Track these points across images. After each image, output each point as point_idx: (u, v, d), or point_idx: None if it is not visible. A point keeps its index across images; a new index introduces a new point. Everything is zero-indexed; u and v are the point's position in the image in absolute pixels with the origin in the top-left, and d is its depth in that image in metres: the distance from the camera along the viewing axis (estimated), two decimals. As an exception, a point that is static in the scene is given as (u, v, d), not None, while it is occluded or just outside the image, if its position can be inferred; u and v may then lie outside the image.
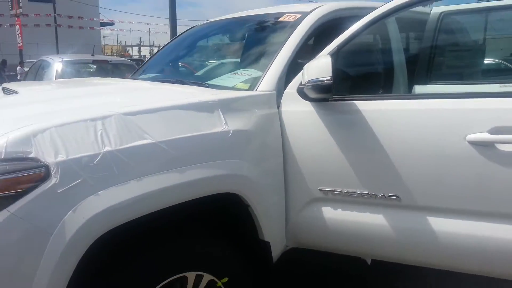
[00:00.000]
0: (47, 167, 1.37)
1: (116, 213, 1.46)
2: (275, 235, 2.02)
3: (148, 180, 1.54)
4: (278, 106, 2.03)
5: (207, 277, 1.81)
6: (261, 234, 1.97)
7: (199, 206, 1.73)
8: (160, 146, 1.60)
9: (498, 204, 1.74)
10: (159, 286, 1.65)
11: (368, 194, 1.91)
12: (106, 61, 7.89)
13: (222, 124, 1.80)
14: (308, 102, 1.95)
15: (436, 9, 2.96)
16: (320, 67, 1.76)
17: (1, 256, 1.31)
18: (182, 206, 1.66)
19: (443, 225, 1.84)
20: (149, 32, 54.08)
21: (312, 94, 1.86)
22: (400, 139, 1.83)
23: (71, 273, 1.40)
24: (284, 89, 2.07)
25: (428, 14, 2.97)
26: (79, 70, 7.44)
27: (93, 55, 7.94)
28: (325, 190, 1.98)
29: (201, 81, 2.43)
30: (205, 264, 1.80)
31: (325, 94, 1.80)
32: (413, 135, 1.81)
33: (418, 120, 1.81)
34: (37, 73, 8.08)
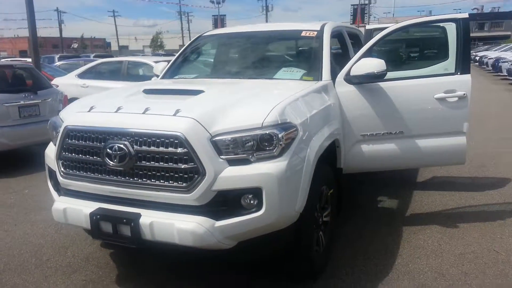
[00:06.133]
0: (295, 126, 2.52)
1: (319, 149, 2.71)
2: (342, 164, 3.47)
3: (323, 131, 2.82)
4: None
5: (327, 190, 3.14)
6: (339, 163, 3.40)
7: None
8: (319, 113, 2.88)
9: (445, 128, 3.60)
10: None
11: (387, 132, 3.54)
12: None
13: (327, 101, 3.16)
14: (352, 85, 3.45)
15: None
16: (375, 64, 3.25)
17: (294, 171, 2.44)
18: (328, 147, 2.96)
19: (421, 142, 3.61)
20: None
21: (362, 80, 3.35)
22: (403, 101, 3.51)
23: (311, 178, 2.60)
24: (330, 79, 3.50)
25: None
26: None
27: None
28: (364, 134, 3.53)
29: (269, 77, 3.63)
30: (326, 181, 3.12)
31: (377, 80, 3.33)
32: (409, 99, 3.51)
33: (410, 90, 3.52)
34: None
